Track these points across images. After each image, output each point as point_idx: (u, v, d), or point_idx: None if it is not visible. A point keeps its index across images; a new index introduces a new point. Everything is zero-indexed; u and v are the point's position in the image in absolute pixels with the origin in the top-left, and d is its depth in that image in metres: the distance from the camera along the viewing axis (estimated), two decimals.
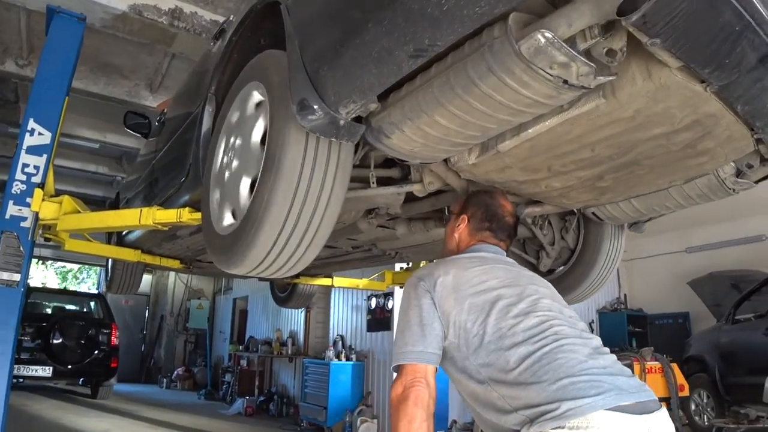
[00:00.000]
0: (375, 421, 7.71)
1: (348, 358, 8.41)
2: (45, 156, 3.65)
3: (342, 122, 1.53)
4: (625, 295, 11.19)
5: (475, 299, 1.54)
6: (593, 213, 2.52)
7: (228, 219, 2.01)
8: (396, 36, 1.23)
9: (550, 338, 1.44)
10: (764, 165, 1.97)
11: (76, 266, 23.83)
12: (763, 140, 1.68)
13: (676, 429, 4.53)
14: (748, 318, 6.68)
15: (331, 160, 1.68)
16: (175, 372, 14.42)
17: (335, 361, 8.27)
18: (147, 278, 15.72)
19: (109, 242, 5.04)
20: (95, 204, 9.26)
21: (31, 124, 3.64)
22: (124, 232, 4.63)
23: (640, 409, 1.34)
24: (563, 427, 1.28)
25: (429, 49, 1.22)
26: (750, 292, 7.00)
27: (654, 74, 1.32)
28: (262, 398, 10.32)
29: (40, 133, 3.65)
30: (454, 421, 7.39)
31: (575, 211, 2.84)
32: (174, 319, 15.99)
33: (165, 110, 3.97)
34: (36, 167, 3.58)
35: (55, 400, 9.62)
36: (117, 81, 7.72)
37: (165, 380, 14.19)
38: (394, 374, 1.57)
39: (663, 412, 1.40)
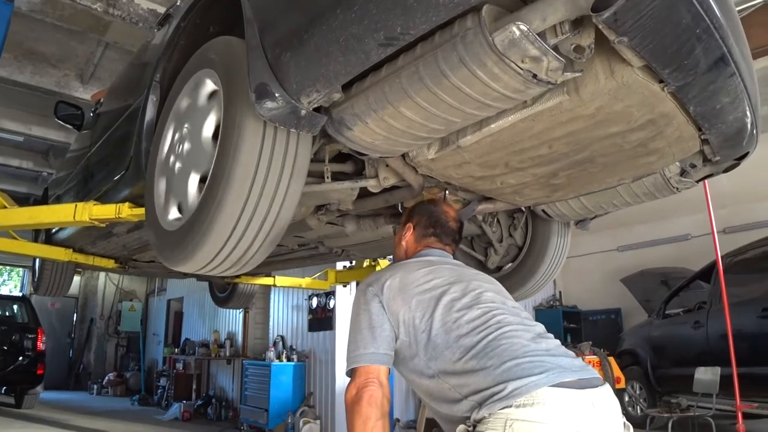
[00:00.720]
0: (318, 421, 7.64)
1: (289, 359, 8.28)
2: None
3: (303, 112, 1.47)
4: (560, 293, 11.55)
5: (422, 297, 1.58)
6: (543, 210, 2.56)
7: (176, 213, 1.91)
8: (366, 23, 1.19)
9: (493, 327, 1.48)
10: (706, 165, 2.05)
11: None
12: (708, 141, 1.75)
13: None
14: (678, 313, 7.01)
15: (289, 152, 1.61)
16: (107, 377, 13.85)
17: (276, 362, 8.13)
18: (75, 279, 15.02)
19: (36, 240, 4.76)
20: (18, 202, 8.74)
21: None
22: (54, 230, 4.37)
23: (584, 384, 1.39)
24: (510, 406, 1.31)
25: (400, 38, 1.18)
26: (679, 288, 7.36)
27: (617, 72, 1.35)
28: (199, 402, 10.04)
29: None
30: (397, 420, 7.41)
31: (524, 208, 2.88)
32: (104, 322, 15.35)
33: (101, 100, 3.77)
34: None
35: None
36: (45, 70, 7.31)
37: (95, 386, 13.60)
38: (348, 378, 1.58)
39: (606, 388, 1.45)
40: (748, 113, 1.61)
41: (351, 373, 1.56)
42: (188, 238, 1.71)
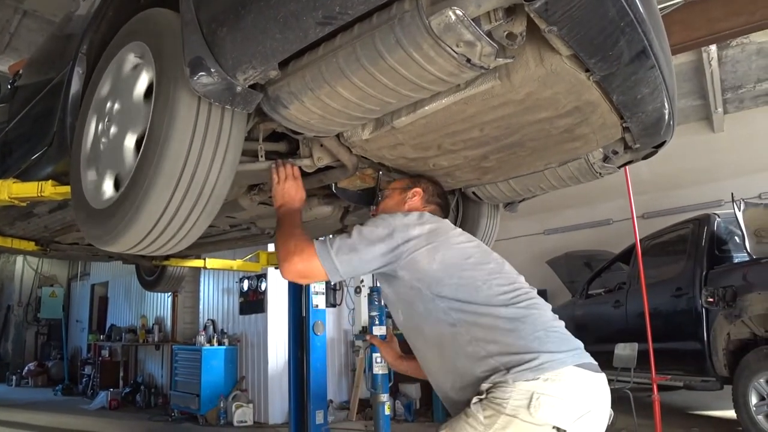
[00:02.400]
0: (250, 405, 7.59)
1: (220, 343, 8.17)
2: None
3: (239, 89, 1.45)
4: None
5: (450, 252, 1.64)
6: (473, 192, 2.64)
7: (105, 190, 1.84)
8: (305, 1, 1.19)
9: (523, 295, 1.60)
10: (627, 152, 2.18)
11: None
12: (629, 129, 1.86)
13: None
14: (599, 293, 7.37)
15: (224, 129, 1.58)
16: (26, 367, 13.25)
17: (207, 346, 8.00)
18: None
19: None
20: None
21: None
22: None
23: (594, 368, 1.52)
24: (538, 379, 1.39)
25: (338, 17, 1.19)
26: (600, 270, 7.73)
27: (546, 60, 1.41)
28: (127, 390, 9.76)
29: None
30: (330, 401, 7.46)
31: (455, 191, 2.95)
32: (23, 309, 14.61)
33: (19, 72, 3.56)
34: None
35: None
36: None
37: (14, 377, 13.01)
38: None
39: (604, 375, 1.58)
40: (666, 104, 1.72)
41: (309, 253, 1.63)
42: (118, 217, 1.67)
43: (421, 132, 1.78)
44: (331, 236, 1.70)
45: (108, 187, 1.84)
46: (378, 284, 2.40)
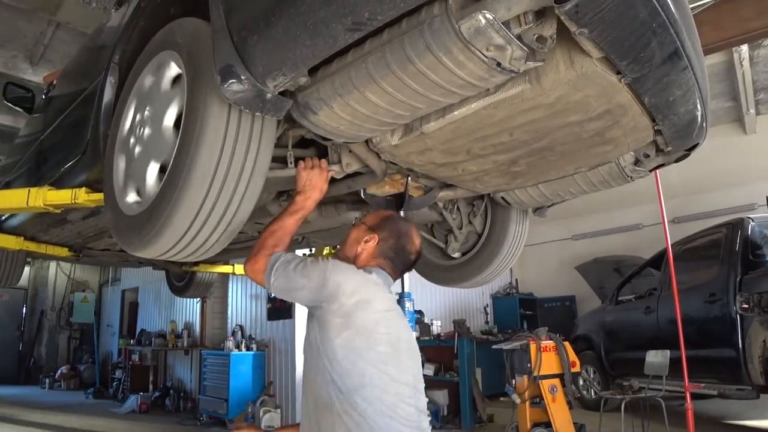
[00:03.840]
0: (278, 410, 7.62)
1: (248, 348, 8.22)
2: None
3: (269, 96, 1.47)
4: (516, 280, 11.79)
5: (357, 337, 1.61)
6: (502, 197, 2.62)
7: (136, 197, 1.88)
8: (334, 8, 1.20)
9: (400, 413, 1.59)
10: (658, 155, 2.13)
11: None
12: (661, 132, 1.83)
13: (570, 403, 4.79)
14: (629, 299, 7.24)
15: (254, 136, 1.61)
16: (59, 371, 13.42)
17: (235, 351, 8.06)
18: (25, 271, 14.57)
19: None
20: None
21: None
22: (3, 217, 4.23)
23: None
24: None
25: (368, 23, 1.19)
26: (631, 275, 7.60)
27: (576, 63, 1.39)
28: (157, 394, 9.87)
29: None
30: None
31: (484, 196, 2.94)
32: (56, 314, 14.88)
33: (53, 82, 3.65)
34: None
35: None
36: None
37: (47, 380, 13.16)
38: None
39: None
40: (698, 106, 1.68)
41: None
42: (149, 224, 1.69)
43: (450, 137, 1.77)
44: (293, 254, 1.74)
45: (140, 195, 1.87)
46: (409, 290, 2.39)
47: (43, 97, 3.81)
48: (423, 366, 2.14)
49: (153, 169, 1.82)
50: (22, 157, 3.86)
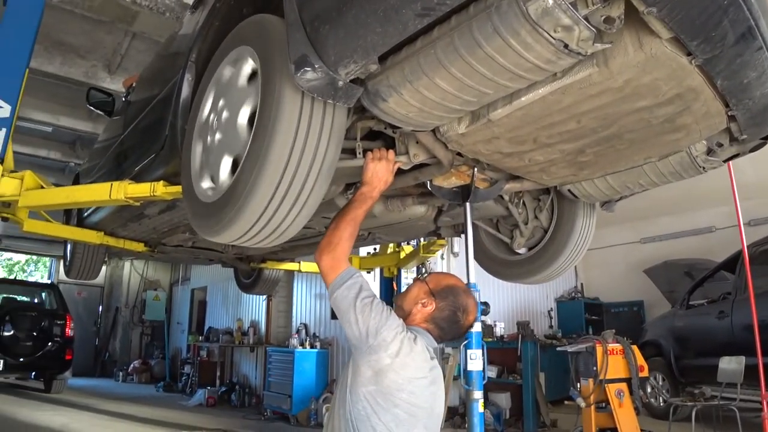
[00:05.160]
0: None
1: (312, 346, 8.39)
2: (4, 130, 3.49)
3: (340, 83, 1.52)
4: (582, 284, 11.51)
5: (386, 392, 1.65)
6: (569, 190, 2.58)
7: (214, 185, 1.98)
8: None
9: None
10: (732, 144, 2.06)
11: (23, 258, 22.98)
12: (735, 117, 1.76)
13: (637, 409, 4.66)
14: (701, 303, 6.96)
15: (326, 123, 1.66)
16: (132, 365, 14.12)
17: (299, 348, 8.23)
18: (101, 269, 15.31)
19: (68, 224, 4.88)
20: None
21: None
22: (86, 214, 4.50)
23: None
24: None
25: (437, 8, 1.22)
26: (703, 279, 7.30)
27: (645, 45, 1.37)
28: (223, 389, 10.20)
29: None
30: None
31: (550, 190, 2.91)
32: (129, 311, 15.64)
33: (132, 85, 3.87)
34: None
35: (6, 395, 9.27)
36: (73, 60, 7.46)
37: (121, 373, 13.87)
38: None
39: None
40: None
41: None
42: (227, 209, 1.78)
43: (517, 125, 1.78)
44: (364, 278, 1.75)
45: (216, 182, 1.96)
46: (473, 281, 2.41)
47: (123, 99, 4.03)
48: (484, 377, 2.27)
49: (229, 159, 1.91)
50: (103, 158, 4.10)
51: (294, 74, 1.49)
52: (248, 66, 1.90)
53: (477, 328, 2.33)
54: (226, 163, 1.92)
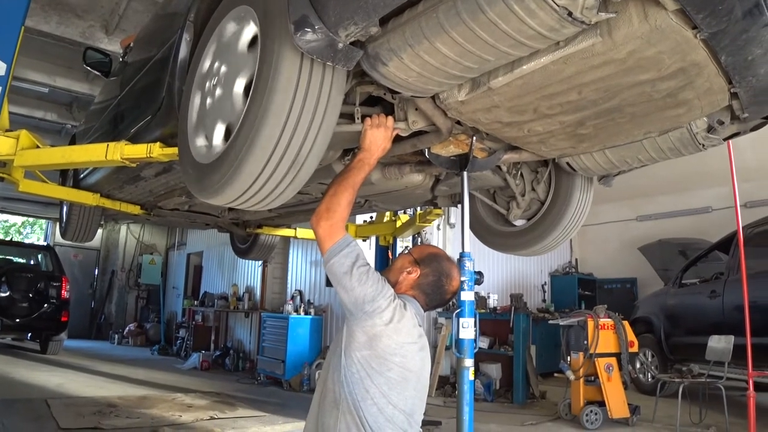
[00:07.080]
0: None
1: (306, 313, 8.45)
2: (0, 88, 3.45)
3: (340, 45, 1.50)
4: (576, 260, 11.58)
5: (378, 358, 1.70)
6: (567, 163, 2.58)
7: (210, 146, 1.96)
8: None
9: None
10: (733, 122, 2.05)
11: (19, 220, 22.97)
12: (738, 95, 1.74)
13: (625, 383, 4.74)
14: (694, 282, 7.00)
15: (324, 86, 1.64)
16: (127, 328, 14.23)
17: (294, 315, 8.30)
18: (98, 232, 15.32)
19: (64, 185, 4.86)
20: None
21: None
22: (82, 175, 4.47)
23: None
24: None
25: None
26: (697, 258, 7.34)
27: (650, 16, 1.35)
28: (217, 353, 10.29)
29: None
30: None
31: (548, 162, 2.90)
32: (125, 275, 15.70)
33: (130, 45, 3.81)
34: None
35: (2, 356, 9.34)
36: (70, 20, 7.31)
37: (116, 336, 14.00)
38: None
39: None
40: None
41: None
42: (223, 170, 1.77)
43: (517, 93, 1.76)
44: (359, 247, 1.77)
45: (213, 143, 1.94)
46: (468, 250, 2.41)
47: (120, 60, 3.98)
48: (476, 346, 2.32)
49: (226, 119, 1.89)
50: (100, 120, 4.06)
51: (293, 35, 1.47)
52: (249, 30, 1.87)
53: (470, 297, 2.35)
54: (227, 112, 1.89)
